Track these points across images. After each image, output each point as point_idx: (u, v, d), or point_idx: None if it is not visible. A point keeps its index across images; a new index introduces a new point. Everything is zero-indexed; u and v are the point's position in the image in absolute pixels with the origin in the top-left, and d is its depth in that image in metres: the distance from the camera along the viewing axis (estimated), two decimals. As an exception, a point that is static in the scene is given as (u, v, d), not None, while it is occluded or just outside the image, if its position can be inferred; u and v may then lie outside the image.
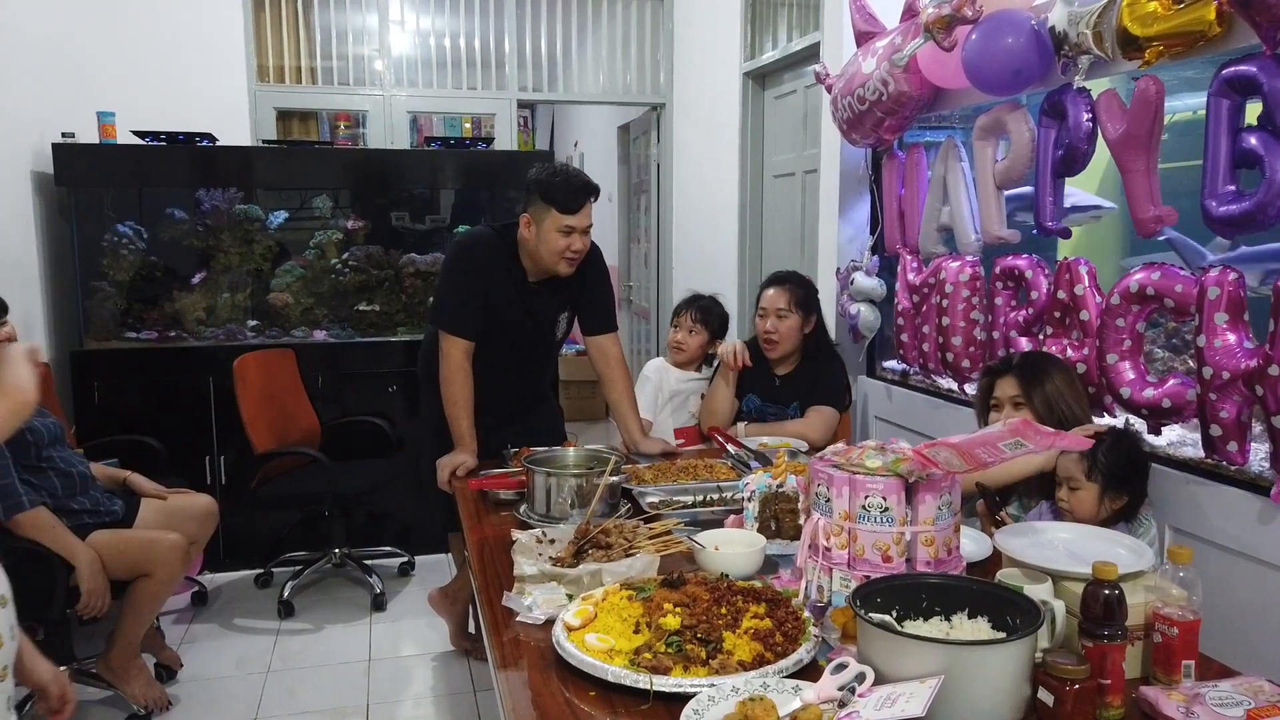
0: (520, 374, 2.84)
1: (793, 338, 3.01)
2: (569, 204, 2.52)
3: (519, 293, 2.68)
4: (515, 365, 2.80)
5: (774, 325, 3.01)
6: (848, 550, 1.52)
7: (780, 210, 4.31)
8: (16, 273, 3.57)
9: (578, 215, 2.53)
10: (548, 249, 2.55)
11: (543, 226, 2.54)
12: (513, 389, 2.83)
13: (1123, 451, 1.87)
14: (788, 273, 3.13)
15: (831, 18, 3.52)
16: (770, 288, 3.05)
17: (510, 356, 2.77)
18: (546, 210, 2.52)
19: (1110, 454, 1.83)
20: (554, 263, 2.57)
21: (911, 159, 3.00)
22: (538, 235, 2.56)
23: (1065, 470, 1.87)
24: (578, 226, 2.54)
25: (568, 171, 2.58)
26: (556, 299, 2.75)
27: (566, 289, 2.74)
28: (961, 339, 2.73)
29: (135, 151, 3.96)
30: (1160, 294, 2.04)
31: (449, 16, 5.19)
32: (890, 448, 1.57)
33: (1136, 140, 2.04)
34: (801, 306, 3.00)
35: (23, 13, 3.70)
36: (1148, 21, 1.92)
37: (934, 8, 2.46)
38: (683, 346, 3.28)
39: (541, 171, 2.56)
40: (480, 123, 5.51)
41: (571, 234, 2.53)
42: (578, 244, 2.56)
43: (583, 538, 1.82)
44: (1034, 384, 2.10)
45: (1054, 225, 2.36)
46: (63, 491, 2.68)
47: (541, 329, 2.78)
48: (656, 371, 3.28)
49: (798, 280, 3.06)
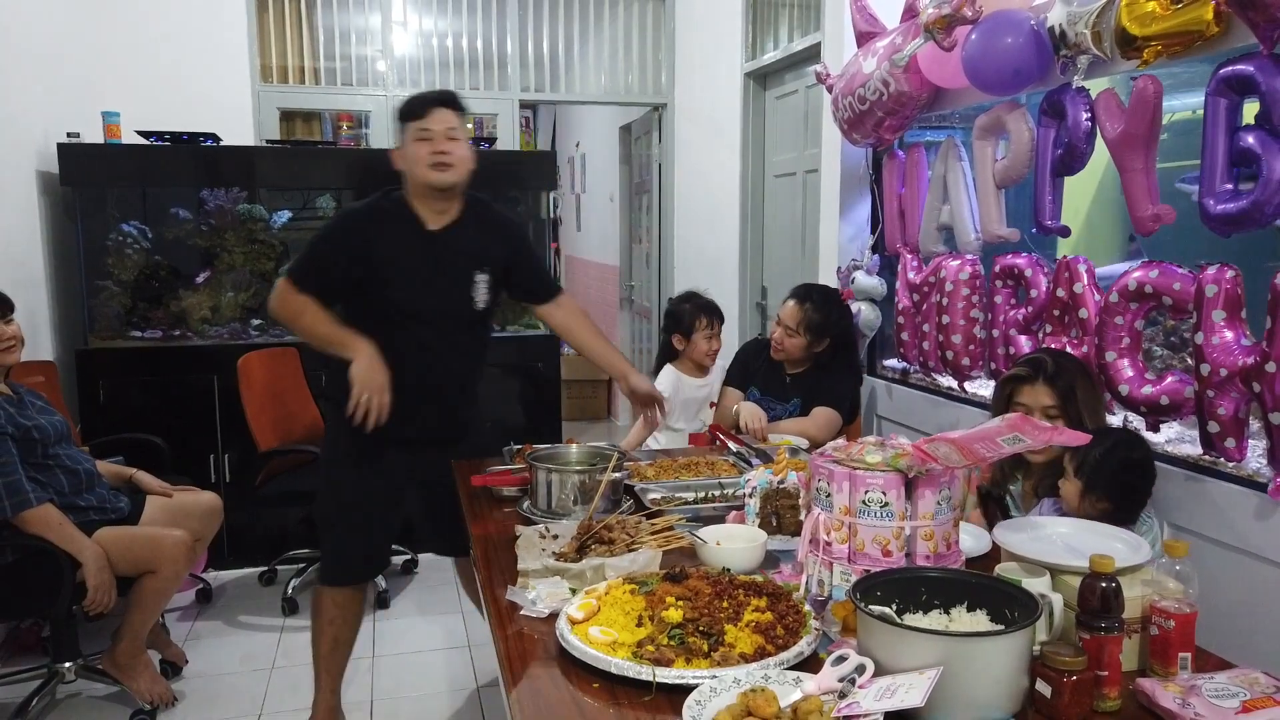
0: (442, 350, 2.53)
1: (796, 353, 3.02)
2: (417, 110, 2.43)
3: (419, 240, 2.49)
4: (434, 337, 2.51)
5: (780, 338, 3.03)
6: (848, 545, 1.54)
7: (781, 210, 4.33)
8: (22, 272, 3.59)
9: (428, 118, 2.41)
10: (415, 164, 2.42)
11: (406, 146, 2.45)
12: (435, 375, 2.53)
13: (1116, 461, 1.85)
14: (813, 292, 3.06)
15: (832, 18, 3.54)
16: (790, 300, 3.04)
17: (425, 322, 2.50)
18: (404, 128, 2.45)
19: (1101, 458, 1.83)
20: (425, 174, 2.42)
21: (912, 158, 3.02)
22: (405, 158, 2.46)
23: (1065, 460, 1.88)
24: (433, 128, 2.41)
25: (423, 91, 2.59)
26: (467, 251, 2.53)
27: (479, 243, 2.55)
28: (961, 337, 2.74)
29: (140, 151, 3.98)
30: (1159, 292, 2.05)
31: (451, 17, 5.21)
32: (890, 444, 1.59)
33: (1135, 139, 2.06)
34: (811, 330, 2.97)
35: (28, 13, 3.72)
36: (1146, 21, 1.94)
37: (934, 8, 2.48)
38: (716, 354, 3.29)
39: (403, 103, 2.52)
40: (482, 123, 5.53)
41: (430, 138, 2.41)
42: (441, 145, 2.40)
43: (586, 533, 1.84)
44: (1069, 393, 2.05)
45: (1053, 224, 2.38)
46: (69, 489, 2.70)
47: (456, 284, 2.52)
48: (671, 382, 3.28)
49: (820, 303, 2.99)
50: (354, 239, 2.48)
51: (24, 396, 2.74)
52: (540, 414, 4.42)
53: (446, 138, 2.41)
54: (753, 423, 2.82)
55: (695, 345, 3.26)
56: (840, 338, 3.05)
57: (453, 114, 2.45)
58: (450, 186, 2.44)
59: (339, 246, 2.50)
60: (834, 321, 3.02)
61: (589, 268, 8.08)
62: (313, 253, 2.55)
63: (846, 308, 3.15)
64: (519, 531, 1.90)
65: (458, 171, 2.43)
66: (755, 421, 2.82)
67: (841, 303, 3.14)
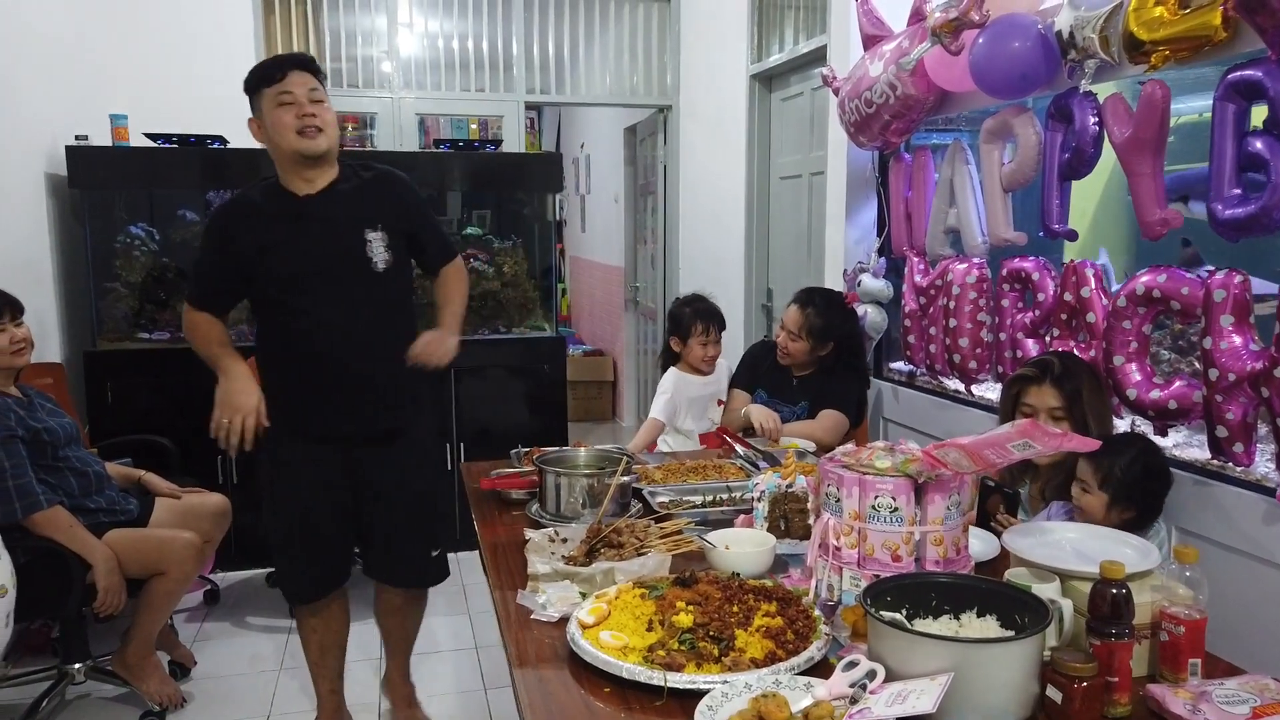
0: (344, 322, 2.32)
1: (800, 357, 3.04)
2: (271, 73, 2.25)
3: (289, 210, 2.31)
4: (332, 308, 2.31)
5: (784, 343, 3.05)
6: (857, 550, 1.54)
7: (787, 212, 4.33)
8: (30, 273, 3.60)
9: (284, 81, 2.24)
10: (280, 132, 2.24)
11: (264, 114, 2.26)
12: (343, 351, 2.33)
13: (1140, 469, 1.86)
14: (815, 296, 3.07)
15: (838, 21, 3.54)
16: (792, 305, 3.06)
17: (314, 290, 2.30)
18: (259, 96, 2.27)
19: (1127, 469, 1.83)
20: (293, 142, 2.24)
21: (918, 161, 3.02)
22: (266, 125, 2.27)
23: (1082, 471, 1.87)
24: (295, 90, 2.23)
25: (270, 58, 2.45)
26: (349, 210, 2.33)
27: (365, 201, 2.36)
28: (968, 341, 2.74)
29: (147, 154, 3.99)
30: (1166, 296, 2.05)
31: (457, 19, 5.22)
32: (899, 449, 1.59)
33: (1143, 144, 2.06)
34: (814, 335, 2.99)
35: (36, 16, 3.73)
36: (1154, 26, 1.94)
37: (941, 12, 2.48)
38: (714, 360, 3.29)
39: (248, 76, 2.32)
40: (487, 124, 5.54)
41: (293, 101, 2.23)
42: (307, 109, 2.24)
43: (595, 537, 1.85)
44: (1075, 395, 2.06)
45: (1060, 228, 2.38)
46: (79, 491, 2.71)
47: (341, 244, 2.32)
48: (674, 383, 3.29)
49: (822, 308, 3.01)
50: (224, 235, 2.35)
51: (33, 399, 2.75)
52: (547, 416, 4.42)
53: (311, 100, 2.25)
54: (767, 423, 2.83)
55: (691, 350, 3.28)
56: (845, 341, 3.05)
57: (312, 76, 2.28)
58: (323, 154, 2.27)
59: (213, 249, 2.38)
60: (837, 325, 3.03)
61: (593, 268, 8.09)
62: (196, 268, 2.49)
63: (851, 311, 3.16)
64: (528, 535, 1.91)
65: (328, 136, 2.27)
66: (769, 422, 2.83)
67: (845, 306, 3.15)
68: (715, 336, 3.27)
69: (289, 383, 2.38)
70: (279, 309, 2.33)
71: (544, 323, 4.60)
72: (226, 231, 2.34)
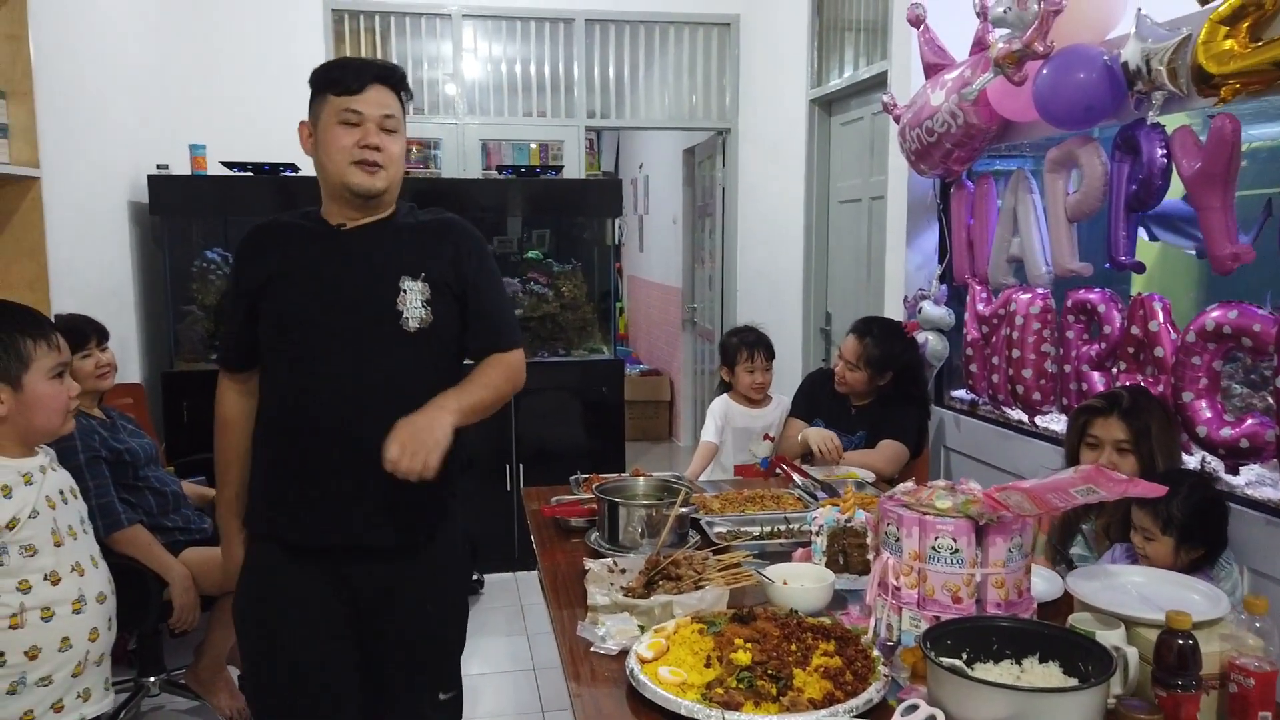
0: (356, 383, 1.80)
1: (858, 387, 3.04)
2: (347, 82, 1.78)
3: (320, 239, 1.85)
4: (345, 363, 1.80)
5: (842, 372, 3.05)
6: (917, 590, 1.54)
7: (846, 236, 4.32)
8: (114, 298, 3.76)
9: (361, 96, 1.77)
10: (331, 155, 1.78)
11: (321, 124, 1.80)
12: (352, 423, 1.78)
13: (1195, 503, 1.83)
14: (873, 325, 3.09)
15: (899, 47, 3.53)
16: (850, 335, 3.08)
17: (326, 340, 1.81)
18: (323, 101, 1.79)
19: (1184, 506, 1.80)
20: (343, 173, 1.77)
21: (980, 189, 3.00)
22: (318, 140, 1.80)
23: (1139, 520, 1.85)
24: (365, 111, 1.76)
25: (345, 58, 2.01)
26: (388, 250, 1.84)
27: (410, 244, 1.86)
28: (1032, 371, 2.71)
29: (223, 182, 4.15)
30: (1237, 333, 2.01)
31: (520, 44, 5.32)
32: (960, 489, 1.59)
33: (1212, 178, 2.03)
34: (872, 364, 2.99)
35: (123, 51, 3.91)
36: (1224, 59, 1.91)
37: (1004, 43, 2.47)
38: (762, 387, 3.31)
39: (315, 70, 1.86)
40: (548, 148, 5.62)
41: (359, 123, 1.77)
42: (372, 139, 1.77)
43: (653, 568, 1.87)
44: (1143, 430, 2.04)
45: (1128, 260, 2.35)
46: (157, 510, 2.82)
47: (369, 289, 1.81)
48: (724, 409, 3.31)
49: (880, 337, 3.01)
50: (241, 261, 1.93)
51: (116, 420, 2.87)
52: (604, 437, 4.46)
53: (381, 127, 1.78)
54: (825, 445, 2.83)
55: (739, 378, 3.29)
56: (904, 371, 3.04)
57: (394, 96, 1.82)
58: (376, 195, 1.81)
59: (236, 288, 1.92)
60: (896, 355, 3.03)
61: (651, 288, 8.13)
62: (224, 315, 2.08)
63: (911, 340, 3.14)
64: (588, 565, 1.94)
65: (388, 175, 1.80)
66: (828, 444, 2.83)
67: (905, 335, 3.13)
68: (763, 364, 3.28)
69: (275, 462, 1.85)
70: (277, 358, 1.85)
71: (602, 345, 4.66)
72: (244, 256, 1.92)
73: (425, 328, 1.82)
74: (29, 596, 1.79)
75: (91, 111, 3.52)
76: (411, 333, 1.81)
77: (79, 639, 1.86)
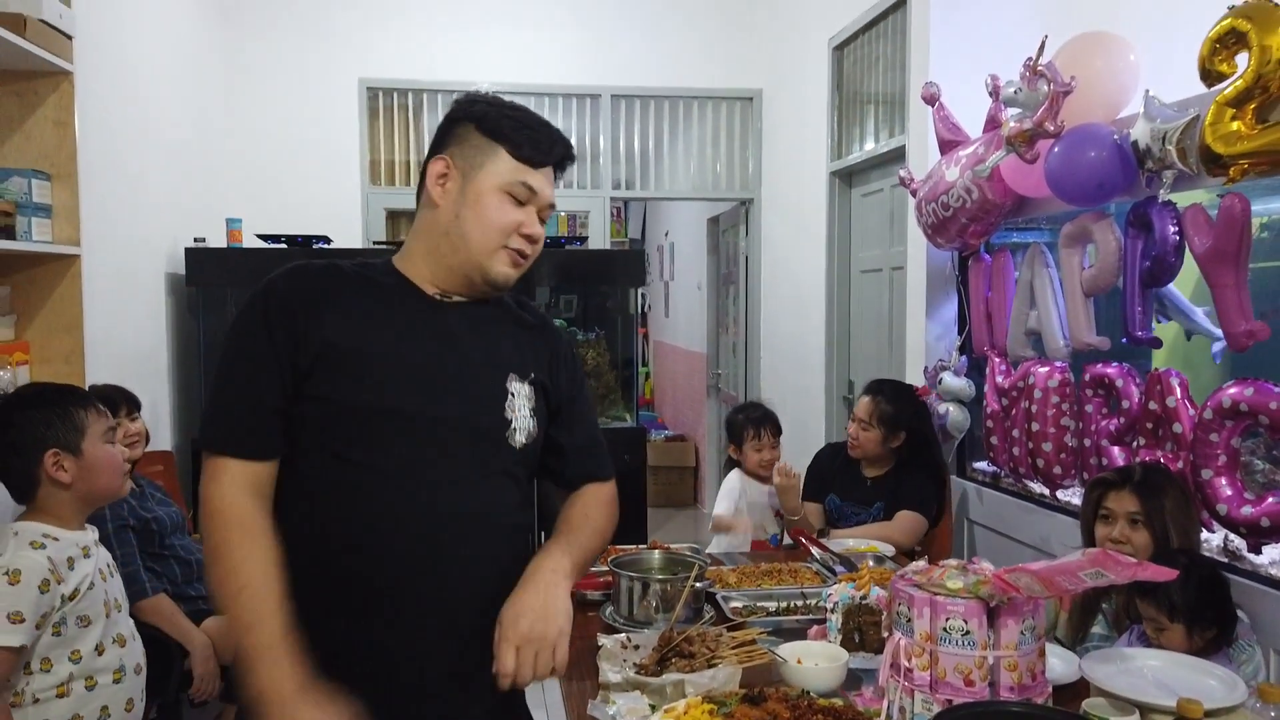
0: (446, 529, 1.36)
1: (871, 448, 3.03)
2: (536, 149, 1.41)
3: (414, 310, 1.42)
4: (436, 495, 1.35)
5: (855, 432, 3.05)
6: (929, 672, 1.53)
7: (868, 305, 4.35)
8: (148, 366, 3.85)
9: (542, 172, 1.42)
10: (486, 222, 1.38)
11: (479, 181, 1.39)
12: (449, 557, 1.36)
13: (1196, 585, 1.80)
14: (884, 385, 3.12)
15: (916, 123, 3.60)
16: (863, 395, 3.09)
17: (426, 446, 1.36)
18: (493, 154, 1.39)
19: (1183, 592, 1.78)
20: (489, 250, 1.39)
21: (998, 262, 3.02)
22: (463, 195, 1.39)
23: (1146, 612, 1.82)
24: (540, 194, 1.41)
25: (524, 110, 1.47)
26: (495, 341, 1.46)
27: (510, 335, 1.49)
28: (1052, 445, 2.70)
29: (258, 254, 4.27)
30: (1254, 410, 2.00)
31: (548, 118, 5.41)
32: (972, 568, 1.59)
33: (1224, 256, 2.04)
34: (884, 423, 3.00)
35: (163, 127, 4.07)
36: (1231, 141, 1.94)
37: (1016, 122, 2.52)
38: (770, 464, 3.31)
39: (476, 101, 1.46)
40: (575, 218, 5.74)
41: (527, 203, 1.41)
42: (538, 228, 1.43)
43: (666, 645, 1.87)
44: (1155, 504, 2.02)
45: (1144, 335, 2.35)
46: (181, 578, 2.85)
47: (483, 390, 1.41)
48: (739, 485, 3.31)
49: (891, 396, 3.04)
50: (298, 321, 1.34)
51: (145, 488, 2.92)
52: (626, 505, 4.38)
53: (541, 215, 1.44)
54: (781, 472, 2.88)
55: (747, 455, 3.29)
56: (916, 433, 3.05)
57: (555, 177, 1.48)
58: (508, 287, 1.46)
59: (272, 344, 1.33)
60: (907, 414, 3.04)
61: (676, 354, 8.18)
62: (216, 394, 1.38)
63: (922, 403, 3.15)
64: (601, 641, 1.94)
65: (525, 267, 1.45)
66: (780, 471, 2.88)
67: (914, 396, 3.15)
68: (770, 441, 3.28)
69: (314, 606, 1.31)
70: (336, 465, 1.33)
71: (625, 413, 4.69)
72: (290, 304, 1.35)
73: (531, 443, 1.45)
74: (78, 666, 1.87)
75: (131, 189, 3.66)
76: (518, 449, 1.43)
77: (117, 709, 1.94)
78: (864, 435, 3.03)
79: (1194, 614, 1.78)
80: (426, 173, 1.44)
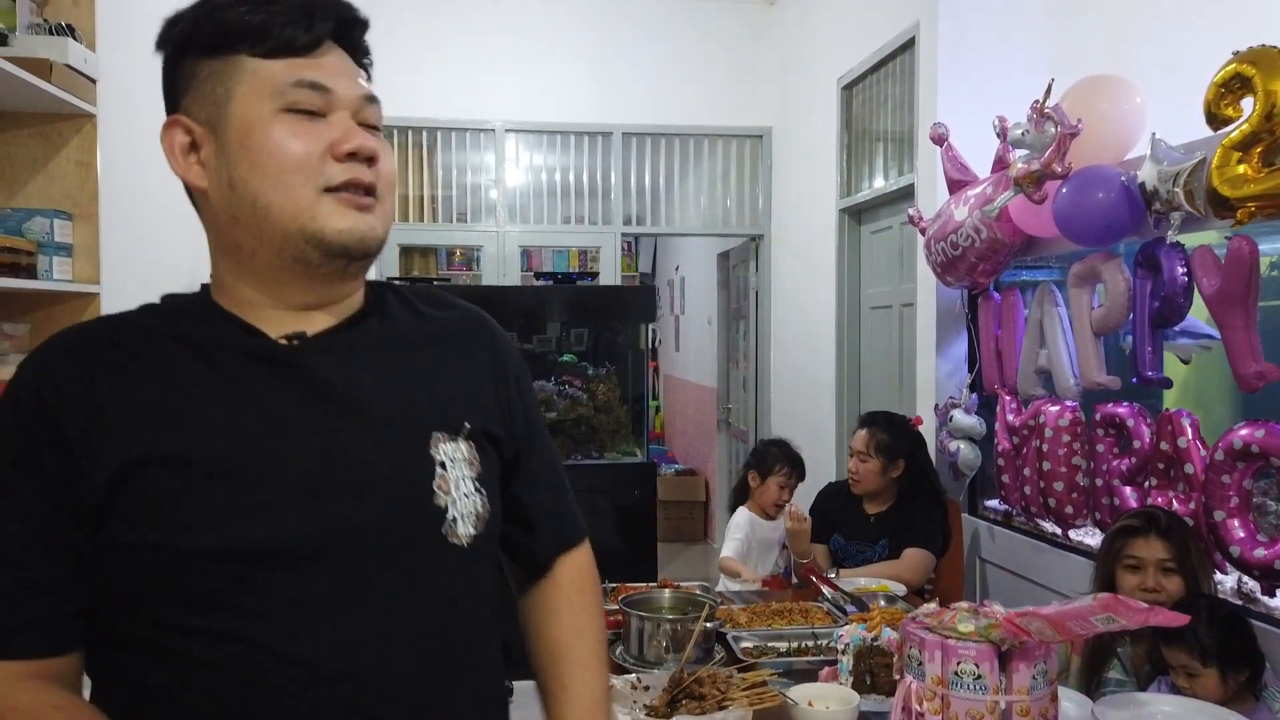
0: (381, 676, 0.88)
1: (873, 480, 3.03)
2: (288, 28, 0.90)
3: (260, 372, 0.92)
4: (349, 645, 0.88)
5: (855, 465, 3.06)
6: (941, 716, 1.52)
7: (878, 341, 4.36)
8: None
9: (322, 58, 0.92)
10: (274, 168, 0.91)
11: (233, 117, 0.93)
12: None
13: (1221, 624, 1.79)
14: (877, 415, 3.15)
15: (925, 161, 3.63)
16: (859, 429, 3.11)
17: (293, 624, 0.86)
18: (229, 69, 0.92)
19: (1211, 631, 1.76)
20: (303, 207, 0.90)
21: (1007, 301, 3.03)
22: (225, 152, 0.95)
23: (1175, 660, 1.80)
24: (336, 89, 0.92)
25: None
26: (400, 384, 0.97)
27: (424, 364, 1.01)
28: (1063, 484, 2.69)
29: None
30: (1266, 452, 2.00)
31: (559, 155, 5.54)
32: (983, 611, 1.58)
33: (1233, 297, 2.05)
34: (883, 452, 3.00)
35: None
36: (1238, 184, 1.96)
37: (1023, 163, 2.54)
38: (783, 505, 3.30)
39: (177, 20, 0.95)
40: (587, 254, 5.79)
41: (326, 107, 0.92)
42: (358, 139, 0.92)
43: (677, 686, 1.86)
44: (1184, 549, 2.00)
45: (1154, 375, 2.35)
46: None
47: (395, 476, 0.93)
48: (747, 523, 3.29)
49: (885, 425, 3.07)
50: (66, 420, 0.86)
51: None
52: (637, 540, 4.44)
53: (360, 120, 0.94)
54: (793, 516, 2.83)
55: (767, 488, 3.27)
56: (914, 461, 3.05)
57: (354, 61, 0.98)
58: (372, 253, 0.95)
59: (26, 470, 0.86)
60: (903, 443, 3.04)
61: (687, 388, 8.19)
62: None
63: (916, 432, 3.16)
64: (612, 683, 1.93)
65: (385, 215, 0.95)
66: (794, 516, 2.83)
67: (909, 426, 3.16)
68: (793, 483, 3.29)
69: None
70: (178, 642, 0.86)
71: (635, 448, 4.69)
72: (49, 413, 0.87)
73: (484, 531, 0.98)
74: None
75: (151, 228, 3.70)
76: (466, 547, 0.96)
77: None
78: (864, 467, 3.03)
79: (1226, 654, 1.76)
80: (166, 154, 1.00)
